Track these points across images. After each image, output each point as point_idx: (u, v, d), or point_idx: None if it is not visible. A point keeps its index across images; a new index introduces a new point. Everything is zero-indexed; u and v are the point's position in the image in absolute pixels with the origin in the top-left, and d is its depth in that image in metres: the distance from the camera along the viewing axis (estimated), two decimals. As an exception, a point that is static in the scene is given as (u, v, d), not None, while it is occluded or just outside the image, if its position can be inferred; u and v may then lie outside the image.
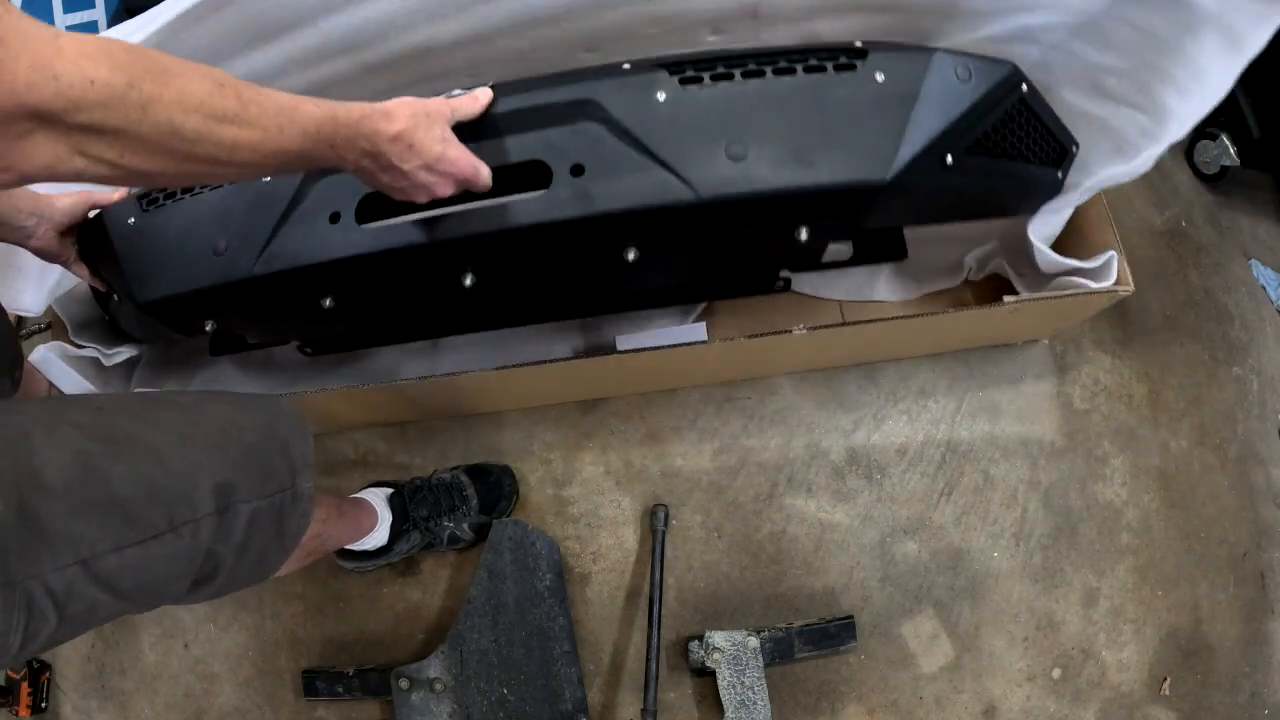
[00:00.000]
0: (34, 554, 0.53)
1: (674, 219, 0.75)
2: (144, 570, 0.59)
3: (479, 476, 1.17)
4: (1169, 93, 0.81)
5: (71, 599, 0.55)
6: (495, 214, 0.76)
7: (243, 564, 0.69)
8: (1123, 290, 0.98)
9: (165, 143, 0.50)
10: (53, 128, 0.45)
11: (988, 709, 1.10)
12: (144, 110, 0.48)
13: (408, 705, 1.05)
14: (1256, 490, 1.22)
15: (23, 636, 0.54)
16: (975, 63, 0.80)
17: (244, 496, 0.66)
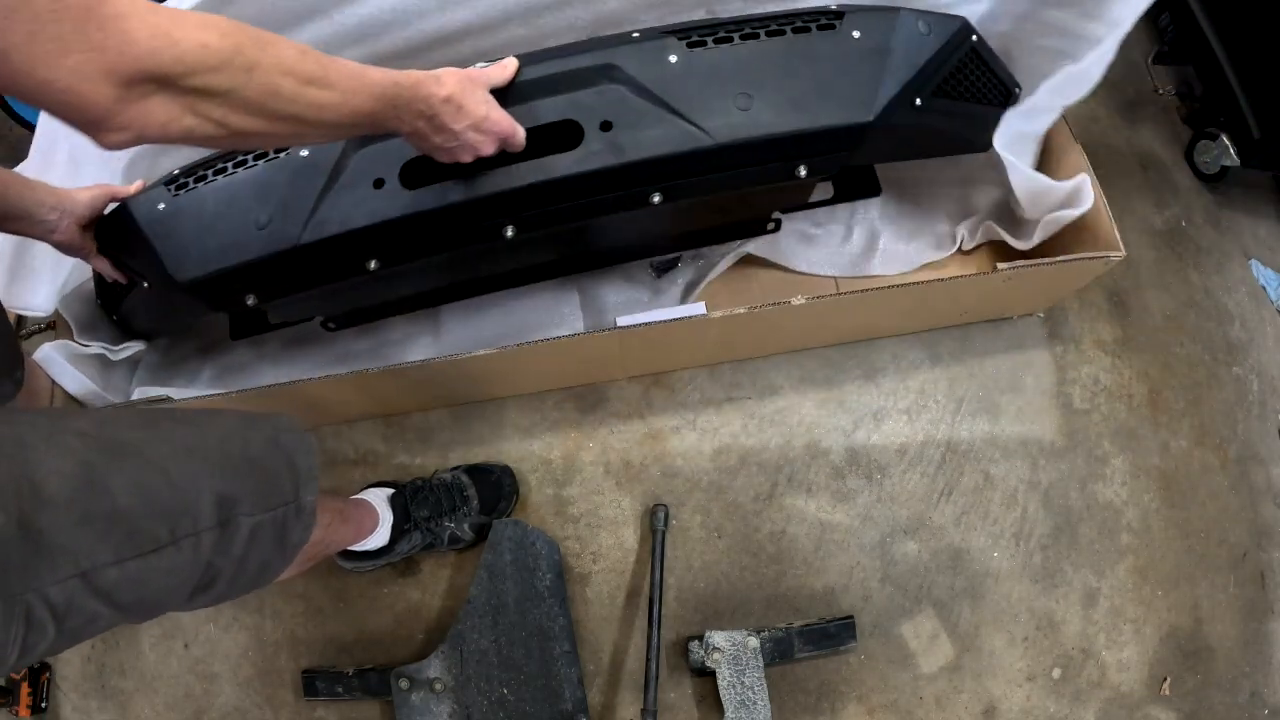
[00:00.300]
0: (34, 567, 0.52)
1: (694, 162, 0.86)
2: (144, 583, 0.59)
3: (479, 476, 1.17)
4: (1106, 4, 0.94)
5: (71, 611, 0.55)
6: (537, 169, 0.85)
7: (243, 574, 0.68)
8: (1114, 255, 1.02)
9: (264, 103, 0.56)
10: (169, 90, 0.51)
11: (988, 709, 1.10)
12: (248, 73, 0.54)
13: (408, 705, 1.05)
14: (1256, 490, 1.22)
15: (20, 648, 0.53)
16: (933, 18, 0.94)
17: (246, 510, 0.65)
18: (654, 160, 0.85)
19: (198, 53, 0.50)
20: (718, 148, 0.85)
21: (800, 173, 0.90)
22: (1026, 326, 1.28)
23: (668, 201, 0.89)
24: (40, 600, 0.53)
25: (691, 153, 0.85)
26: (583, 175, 0.84)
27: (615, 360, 1.18)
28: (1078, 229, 1.11)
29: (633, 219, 0.94)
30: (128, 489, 0.58)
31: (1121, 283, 1.33)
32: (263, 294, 0.95)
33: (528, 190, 0.85)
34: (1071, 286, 1.20)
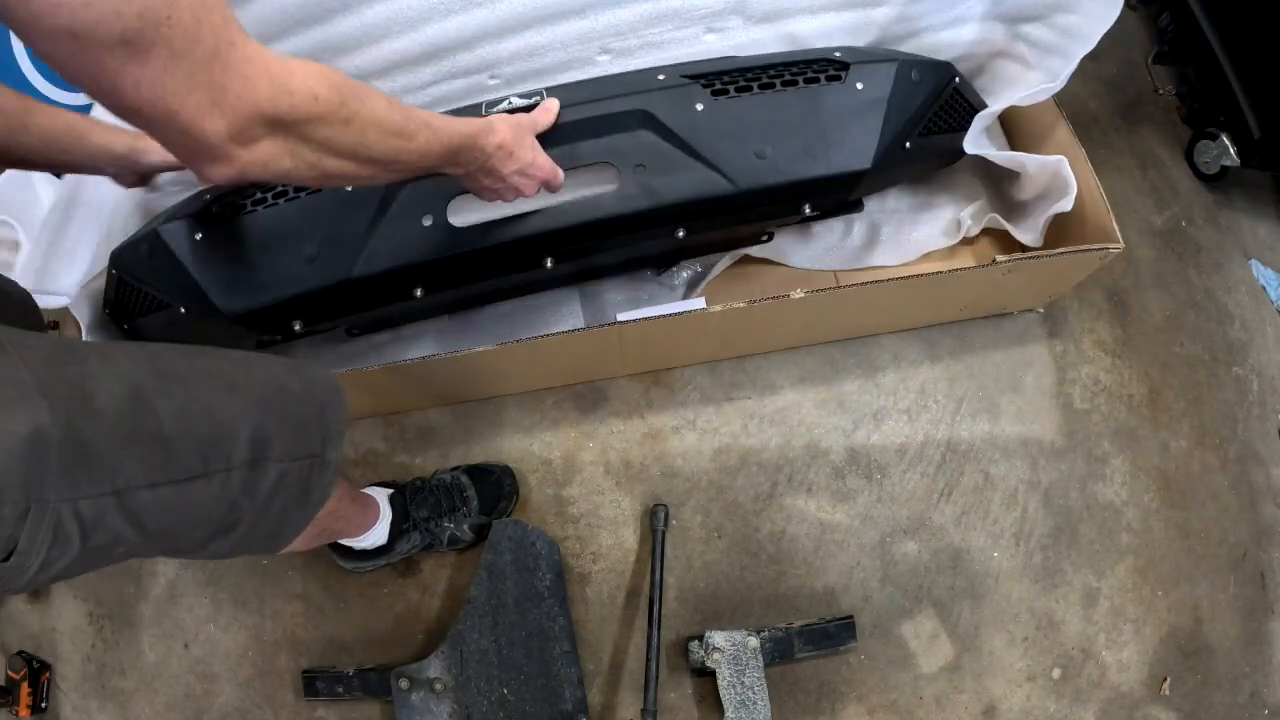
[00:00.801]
0: (72, 477, 0.53)
1: (717, 205, 0.97)
2: (172, 511, 0.60)
3: (479, 477, 1.16)
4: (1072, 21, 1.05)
5: (98, 529, 0.55)
6: (577, 209, 0.94)
7: (263, 522, 0.69)
8: (1112, 248, 1.04)
9: (355, 151, 0.61)
10: (277, 134, 0.55)
11: (988, 709, 1.10)
12: (347, 124, 0.59)
13: (408, 705, 1.05)
14: (1256, 490, 1.22)
15: (43, 559, 0.53)
16: (924, 65, 1.07)
17: (277, 455, 0.67)
18: (682, 203, 0.95)
19: (309, 104, 0.55)
20: (739, 193, 0.96)
21: (805, 210, 1.02)
22: (1027, 326, 1.28)
23: (689, 235, 1.00)
24: (71, 512, 0.53)
25: (716, 197, 0.96)
26: (620, 216, 0.94)
27: (615, 357, 1.18)
28: (1076, 223, 1.11)
29: (651, 247, 1.06)
30: (171, 415, 0.59)
31: (1121, 283, 1.33)
32: (309, 320, 1.00)
33: (569, 229, 0.95)
34: (1071, 281, 1.20)
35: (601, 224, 0.95)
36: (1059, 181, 1.10)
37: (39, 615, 1.23)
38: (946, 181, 1.29)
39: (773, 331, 1.21)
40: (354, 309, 1.02)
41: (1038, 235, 1.16)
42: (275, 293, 0.94)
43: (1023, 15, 1.14)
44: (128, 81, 0.47)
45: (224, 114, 0.51)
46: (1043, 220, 1.13)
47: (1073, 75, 1.05)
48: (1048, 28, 1.10)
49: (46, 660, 1.19)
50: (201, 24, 0.47)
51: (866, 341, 1.27)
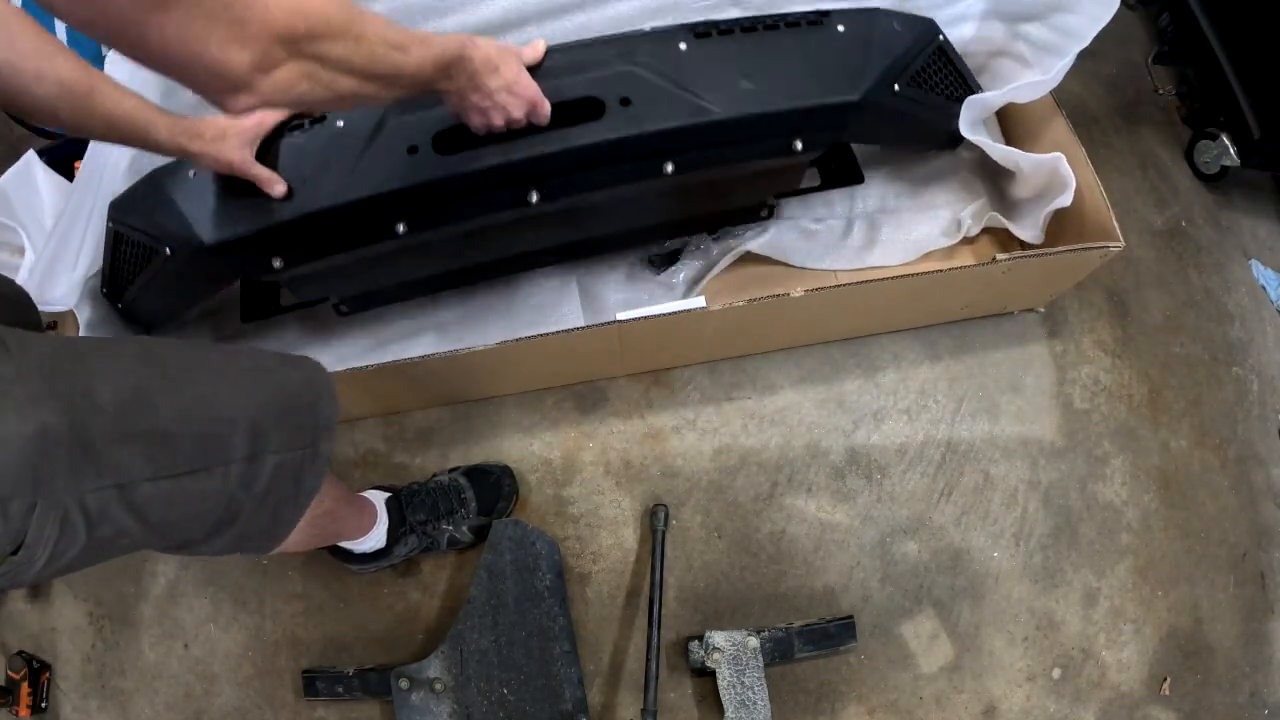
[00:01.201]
0: (78, 472, 0.55)
1: (703, 134, 0.95)
2: (174, 504, 0.62)
3: (478, 478, 1.16)
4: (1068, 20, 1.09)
5: (103, 521, 0.57)
6: (563, 137, 0.93)
7: (260, 516, 0.71)
8: (1113, 246, 1.05)
9: (364, 67, 0.63)
10: (296, 57, 0.57)
11: (988, 709, 1.10)
12: (357, 42, 0.61)
13: (408, 705, 1.05)
14: (1256, 490, 1.22)
15: (50, 552, 0.55)
16: (905, 18, 1.10)
17: (273, 447, 0.68)
18: (667, 131, 0.94)
19: (324, 24, 0.58)
20: (723, 121, 0.95)
21: (796, 146, 1.00)
22: (1027, 326, 1.28)
23: (678, 173, 0.98)
24: (77, 506, 0.55)
25: (701, 125, 0.94)
26: (605, 143, 0.93)
27: (615, 356, 1.18)
28: (1077, 222, 1.12)
29: (642, 196, 1.02)
30: (172, 411, 0.61)
31: (1121, 283, 1.33)
32: (289, 257, 0.97)
33: (554, 156, 0.92)
34: (1072, 279, 1.20)
35: (587, 151, 0.93)
36: (1057, 179, 1.10)
37: (39, 615, 1.23)
38: (946, 181, 1.29)
39: (773, 331, 1.21)
40: (334, 244, 0.98)
41: (1038, 232, 1.16)
42: (255, 222, 0.93)
43: (1022, 14, 1.15)
44: (153, 30, 0.49)
45: (245, 44, 0.53)
46: (1042, 216, 1.13)
47: (1073, 75, 1.05)
48: (1047, 27, 1.12)
49: (46, 660, 1.19)
50: None
51: (866, 341, 1.27)
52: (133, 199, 1.02)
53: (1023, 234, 1.18)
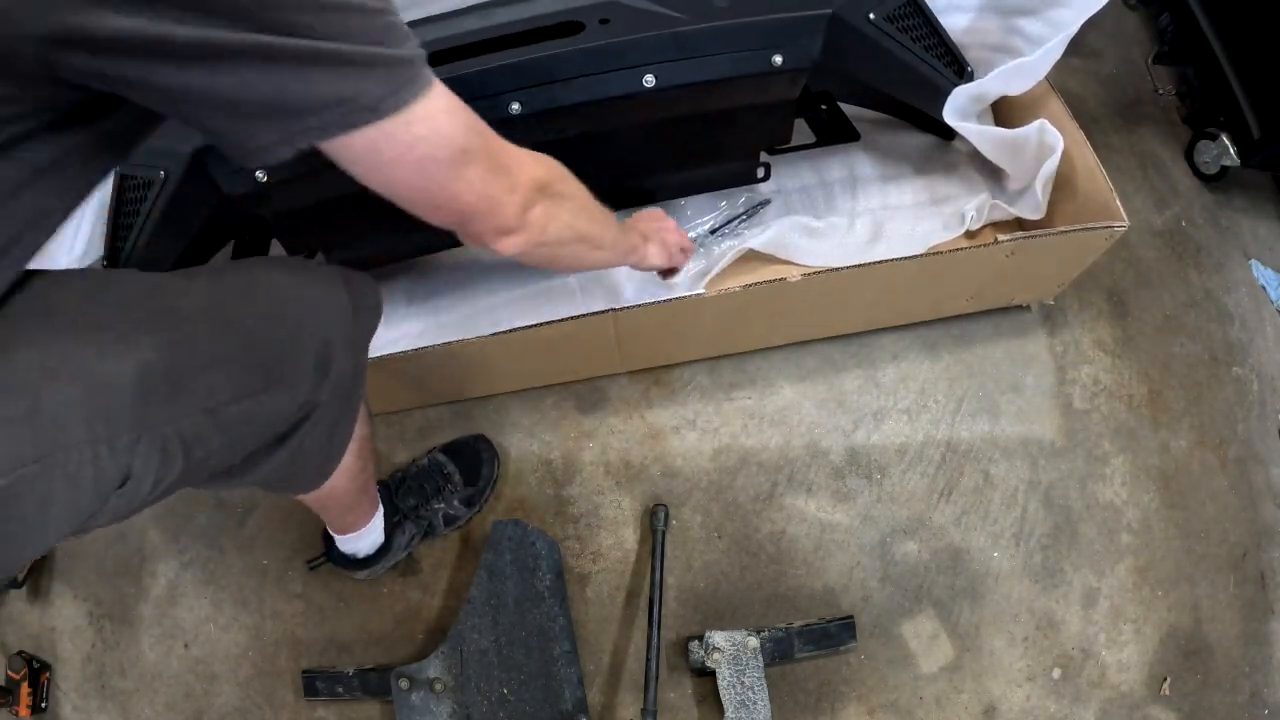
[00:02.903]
0: (175, 402, 0.59)
1: (679, 44, 0.97)
2: (254, 419, 0.66)
3: (456, 451, 1.19)
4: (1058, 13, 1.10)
5: (197, 444, 0.62)
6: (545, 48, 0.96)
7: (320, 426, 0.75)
8: (1117, 225, 1.05)
9: (586, 208, 0.76)
10: (543, 197, 0.68)
11: (988, 709, 1.10)
12: (577, 183, 0.75)
13: (408, 705, 1.05)
14: (1256, 490, 1.22)
15: (154, 479, 0.59)
16: None
17: (336, 358, 0.72)
18: (644, 40, 0.96)
19: (551, 170, 0.70)
20: (700, 30, 0.97)
21: (775, 61, 1.00)
22: (1027, 326, 1.28)
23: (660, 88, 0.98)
24: (175, 434, 0.59)
25: (677, 34, 0.97)
26: (584, 51, 0.96)
27: (613, 349, 1.18)
28: (1080, 206, 1.11)
29: (628, 128, 1.05)
30: (250, 332, 0.65)
31: (1121, 283, 1.33)
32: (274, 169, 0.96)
33: (535, 64, 0.95)
34: (1077, 266, 1.19)
35: (567, 58, 0.96)
36: (1045, 144, 1.11)
37: (39, 615, 1.23)
38: (948, 175, 1.29)
39: (773, 323, 1.21)
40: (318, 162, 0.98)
41: (1039, 203, 1.16)
42: None
43: (1018, 8, 1.15)
44: (463, 185, 0.60)
45: (516, 191, 0.65)
46: (1039, 187, 1.13)
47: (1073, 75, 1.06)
48: (1042, 22, 1.12)
49: (46, 660, 1.19)
50: (488, 137, 0.62)
51: (866, 341, 1.27)
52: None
53: (1025, 213, 1.18)
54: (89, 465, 0.54)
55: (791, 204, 1.29)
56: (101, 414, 0.54)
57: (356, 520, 1.03)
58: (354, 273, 0.79)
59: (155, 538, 1.24)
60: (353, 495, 0.96)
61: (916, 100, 1.18)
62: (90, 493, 0.55)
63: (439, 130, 0.57)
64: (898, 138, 1.33)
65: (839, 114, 1.30)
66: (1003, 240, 1.05)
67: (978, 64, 1.21)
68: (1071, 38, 1.06)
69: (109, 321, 0.57)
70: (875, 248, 1.24)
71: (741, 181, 1.21)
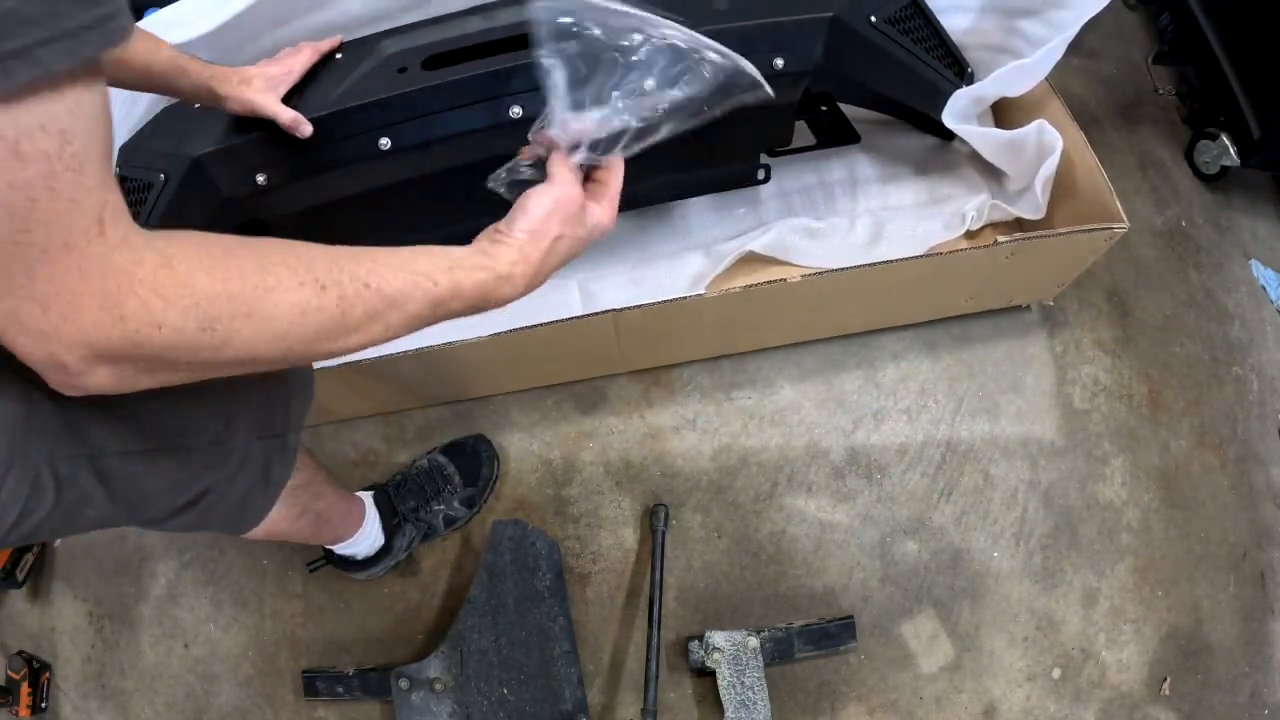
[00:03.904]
0: (55, 439, 0.58)
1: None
2: (139, 479, 0.64)
3: (455, 452, 1.19)
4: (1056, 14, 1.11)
5: (71, 486, 0.60)
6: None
7: (228, 498, 0.72)
8: (1117, 227, 1.04)
9: (246, 364, 0.48)
10: (115, 363, 0.43)
11: (988, 709, 1.10)
12: (217, 349, 0.45)
13: (408, 705, 1.05)
14: (1256, 490, 1.22)
15: (19, 512, 0.57)
16: None
17: (241, 434, 0.70)
18: None
19: (147, 333, 0.42)
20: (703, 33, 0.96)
21: (777, 64, 0.99)
22: (1027, 326, 1.28)
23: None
24: (49, 469, 0.58)
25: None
26: None
27: (613, 350, 1.18)
28: (1080, 206, 1.12)
29: None
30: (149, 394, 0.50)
31: (1121, 283, 1.33)
32: (273, 174, 0.98)
33: (534, 67, 0.92)
34: (1078, 267, 1.19)
35: None
36: (1044, 144, 1.11)
37: (39, 615, 1.23)
38: (948, 176, 1.29)
39: (772, 323, 1.21)
40: (317, 161, 0.98)
41: (1038, 205, 1.16)
42: (238, 136, 0.96)
43: (1019, 9, 1.15)
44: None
45: (40, 339, 0.41)
46: (1039, 187, 1.13)
47: (1073, 75, 1.06)
48: (1042, 23, 1.12)
49: (46, 660, 1.19)
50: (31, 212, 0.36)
51: (867, 341, 1.27)
52: (140, 140, 1.05)
53: (1025, 213, 1.18)
54: None
55: (792, 204, 1.29)
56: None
57: (337, 536, 1.03)
58: None
59: (155, 538, 1.24)
60: (301, 534, 0.93)
61: (917, 102, 1.18)
62: None
63: None
64: (898, 138, 1.33)
65: (839, 116, 1.30)
66: (1003, 242, 1.05)
67: (978, 64, 1.22)
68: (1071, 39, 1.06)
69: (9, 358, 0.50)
70: (876, 248, 1.24)
71: (742, 183, 1.21)
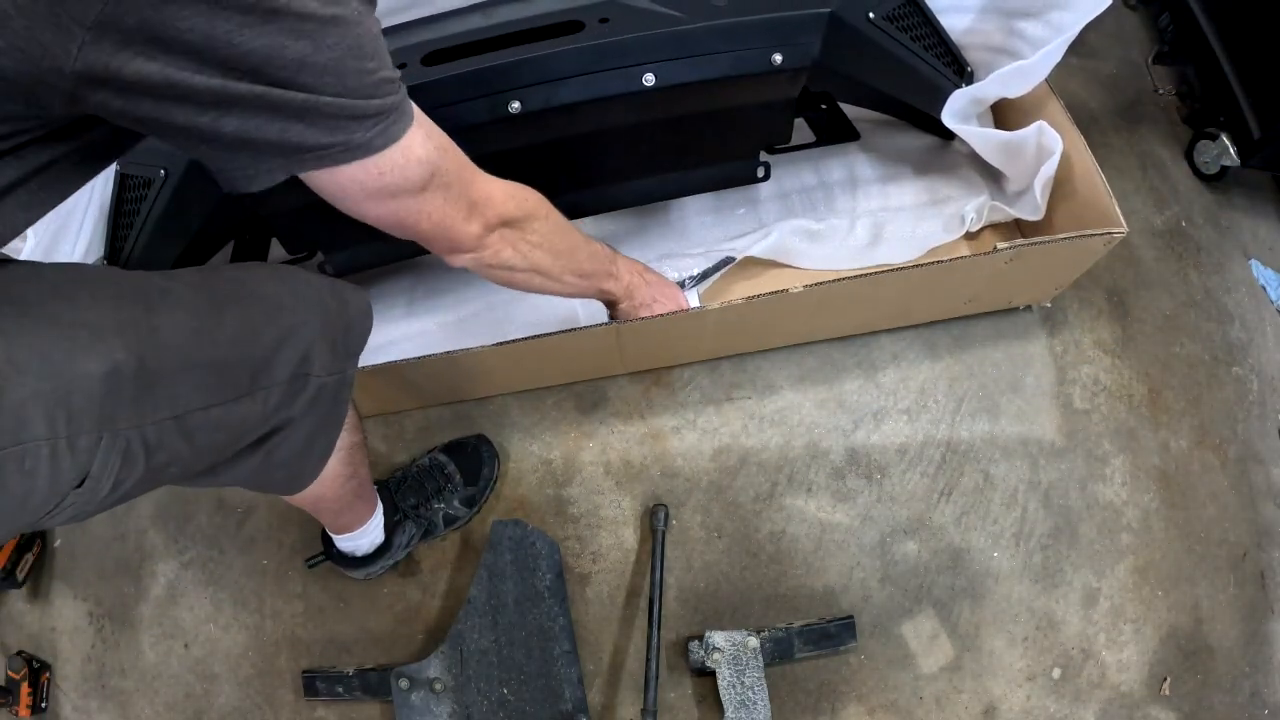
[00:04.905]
0: (140, 405, 0.59)
1: (678, 42, 0.97)
2: (221, 428, 0.66)
3: (456, 451, 1.19)
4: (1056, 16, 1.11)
5: (160, 450, 0.61)
6: (544, 46, 0.96)
7: (294, 437, 0.75)
8: (1115, 232, 1.04)
9: (550, 244, 0.84)
10: (506, 228, 0.78)
11: (988, 709, 1.10)
12: (546, 219, 0.83)
13: (408, 705, 1.05)
14: (1256, 490, 1.22)
15: (113, 482, 0.59)
16: None
17: (316, 371, 0.72)
18: (643, 38, 0.97)
19: (526, 208, 0.79)
20: (699, 29, 0.97)
21: (775, 60, 1.00)
22: (1027, 325, 1.28)
23: (659, 87, 0.98)
24: (139, 437, 0.59)
25: (675, 31, 0.97)
26: (583, 49, 0.96)
27: (614, 356, 1.18)
28: (1079, 210, 1.11)
29: (628, 127, 1.04)
30: (226, 340, 0.65)
31: (1121, 283, 1.33)
32: None
33: (535, 62, 0.95)
34: (1076, 270, 1.19)
35: (567, 57, 0.96)
36: (1044, 147, 1.11)
37: (39, 615, 1.23)
38: (948, 177, 1.29)
39: (774, 328, 1.21)
40: None
41: (1038, 205, 1.16)
42: None
43: (1019, 10, 1.15)
44: (423, 213, 0.68)
45: (476, 220, 0.74)
46: (1038, 189, 1.13)
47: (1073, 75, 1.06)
48: (1042, 24, 1.12)
49: (46, 660, 1.19)
50: (459, 166, 0.70)
51: (867, 341, 1.27)
52: (143, 147, 1.05)
53: (1024, 214, 1.18)
54: (46, 462, 0.54)
55: (791, 205, 1.29)
56: (65, 412, 0.54)
57: (351, 522, 1.03)
58: (345, 285, 0.80)
59: (155, 538, 1.25)
60: (343, 500, 0.95)
61: (916, 100, 1.18)
62: (45, 490, 0.55)
63: (412, 160, 0.63)
64: (897, 138, 1.34)
65: (839, 113, 1.30)
66: (1002, 248, 1.05)
67: (978, 65, 1.22)
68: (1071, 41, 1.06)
69: (82, 319, 0.57)
70: (875, 249, 1.24)
71: (742, 181, 1.21)
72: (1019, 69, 1.08)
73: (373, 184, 0.62)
